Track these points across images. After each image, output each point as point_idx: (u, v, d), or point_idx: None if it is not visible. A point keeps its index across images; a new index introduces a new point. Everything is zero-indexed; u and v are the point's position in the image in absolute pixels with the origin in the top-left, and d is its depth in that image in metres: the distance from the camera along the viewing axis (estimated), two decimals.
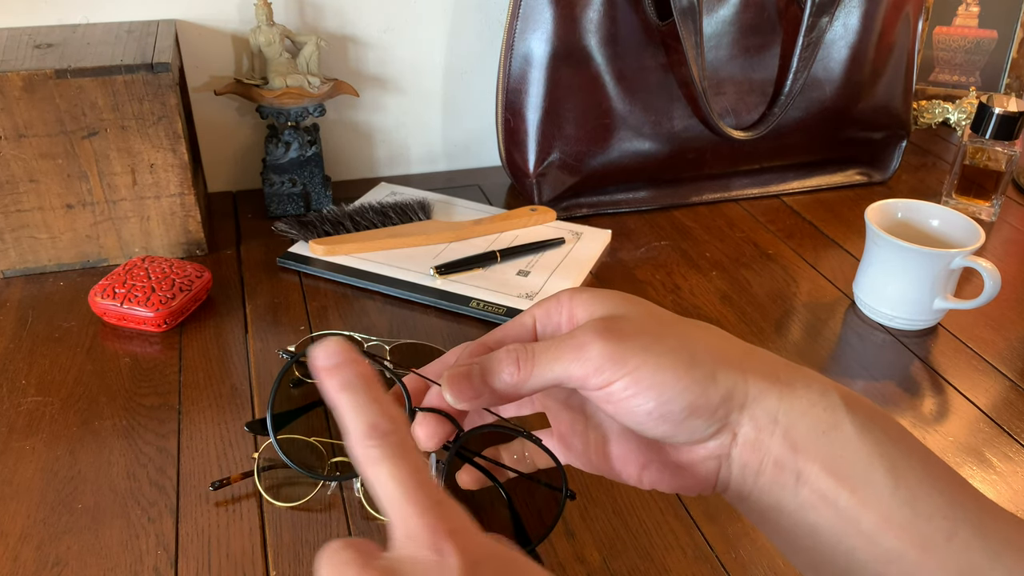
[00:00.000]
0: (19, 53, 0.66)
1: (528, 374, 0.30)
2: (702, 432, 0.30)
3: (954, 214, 0.68)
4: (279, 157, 0.79)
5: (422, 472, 0.25)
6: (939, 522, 0.28)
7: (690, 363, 0.30)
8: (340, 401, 0.26)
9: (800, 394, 0.30)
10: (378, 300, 0.69)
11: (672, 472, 0.33)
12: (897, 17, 0.86)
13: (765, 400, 0.30)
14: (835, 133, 0.90)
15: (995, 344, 0.66)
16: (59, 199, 0.68)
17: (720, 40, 0.81)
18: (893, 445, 0.30)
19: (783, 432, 0.30)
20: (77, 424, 0.54)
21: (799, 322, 0.68)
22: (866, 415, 0.30)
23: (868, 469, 0.29)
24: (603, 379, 0.30)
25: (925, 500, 0.29)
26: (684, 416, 0.30)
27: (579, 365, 0.30)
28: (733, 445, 0.31)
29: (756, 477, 0.31)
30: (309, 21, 0.82)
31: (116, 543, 0.46)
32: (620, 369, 0.29)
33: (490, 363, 0.31)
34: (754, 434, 0.30)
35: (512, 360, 0.31)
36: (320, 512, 0.49)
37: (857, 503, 0.29)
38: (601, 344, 0.30)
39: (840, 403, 0.30)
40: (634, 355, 0.29)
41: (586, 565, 0.46)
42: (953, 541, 0.28)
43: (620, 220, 0.84)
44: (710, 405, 0.30)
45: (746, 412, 0.30)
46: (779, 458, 0.30)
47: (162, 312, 0.63)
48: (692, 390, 0.30)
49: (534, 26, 0.75)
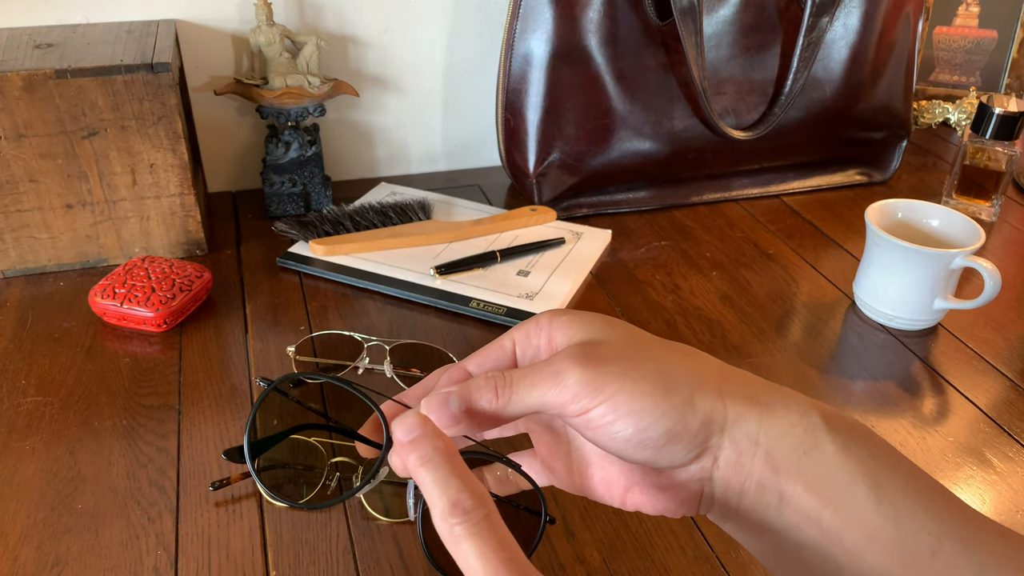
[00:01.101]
0: (19, 53, 0.66)
1: (506, 402, 0.30)
2: (682, 457, 0.30)
3: (954, 214, 0.68)
4: (279, 157, 0.79)
5: (508, 547, 0.25)
6: (923, 537, 0.28)
7: (668, 388, 0.30)
8: (421, 477, 0.26)
9: (780, 415, 0.31)
10: (378, 300, 0.69)
11: (655, 495, 0.33)
12: (897, 17, 0.86)
13: (745, 423, 0.30)
14: (835, 133, 0.90)
15: (995, 344, 0.66)
16: (59, 199, 0.68)
17: (720, 40, 0.81)
18: (876, 462, 0.30)
19: (764, 454, 0.30)
20: (77, 424, 0.54)
21: (799, 322, 0.68)
22: (847, 433, 0.30)
23: (850, 487, 0.29)
24: (580, 407, 0.30)
25: (909, 516, 0.29)
26: (663, 442, 0.30)
27: (556, 393, 0.30)
28: (715, 468, 0.31)
29: (739, 498, 0.31)
30: (309, 21, 0.82)
31: (116, 543, 0.46)
32: (597, 396, 0.29)
33: (468, 391, 0.31)
34: (735, 456, 0.30)
35: (490, 387, 0.31)
36: (320, 512, 0.49)
37: (840, 522, 0.29)
38: (579, 371, 0.30)
39: (820, 422, 0.30)
40: (611, 382, 0.29)
41: (586, 565, 0.46)
42: (938, 556, 0.28)
43: (620, 220, 0.84)
44: (689, 431, 0.30)
45: (726, 435, 0.30)
46: (761, 479, 0.30)
47: (162, 312, 0.63)
48: (671, 416, 0.30)
49: (534, 26, 0.75)
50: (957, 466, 0.54)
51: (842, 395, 0.60)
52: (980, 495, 0.52)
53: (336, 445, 0.53)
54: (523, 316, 0.65)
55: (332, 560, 0.45)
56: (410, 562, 0.46)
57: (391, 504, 0.49)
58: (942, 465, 0.54)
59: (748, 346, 0.65)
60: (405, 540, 0.47)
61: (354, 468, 0.50)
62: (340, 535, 0.47)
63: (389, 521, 0.48)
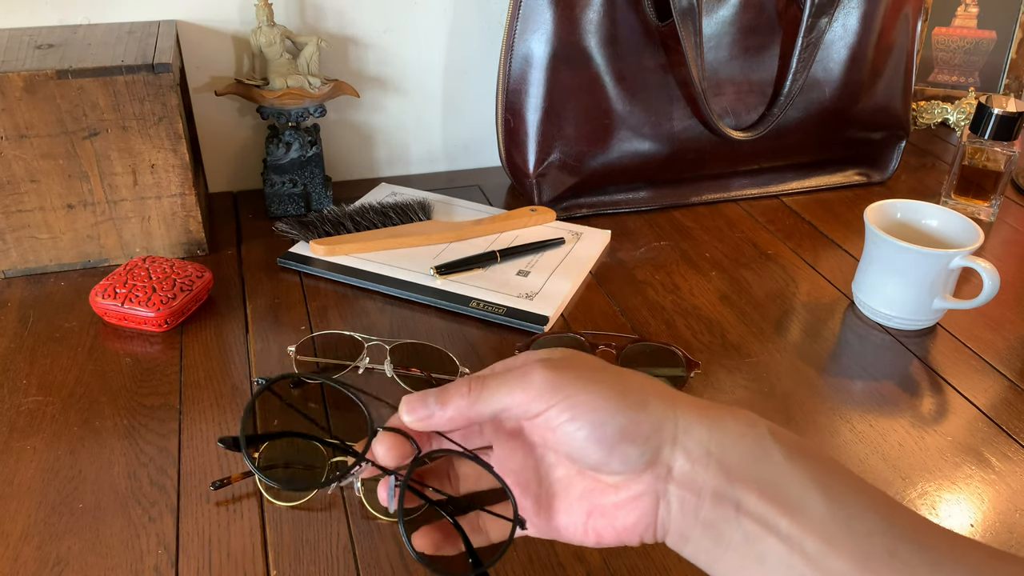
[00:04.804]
0: (20, 54, 0.67)
1: (476, 397, 0.34)
2: (635, 459, 0.32)
3: (953, 214, 0.68)
4: (280, 157, 0.79)
5: None
6: (878, 539, 0.29)
7: (623, 392, 0.32)
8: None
9: (729, 426, 0.32)
10: (378, 300, 0.69)
11: (614, 515, 0.34)
12: (896, 18, 0.86)
13: (695, 431, 0.32)
14: (834, 133, 0.90)
15: (994, 344, 0.66)
16: (60, 199, 0.68)
17: (720, 41, 0.81)
18: (823, 470, 0.31)
19: (717, 463, 0.31)
20: (78, 424, 0.55)
21: (798, 322, 0.68)
22: (793, 445, 0.32)
23: (803, 493, 0.30)
24: (543, 404, 0.32)
25: (861, 519, 0.29)
26: (617, 440, 0.32)
27: (522, 390, 0.33)
28: (669, 479, 0.32)
29: (696, 512, 0.32)
30: (310, 22, 0.82)
31: (117, 542, 0.46)
32: (557, 394, 0.32)
33: (445, 389, 0.35)
34: (689, 466, 0.32)
35: (464, 384, 0.35)
36: (320, 512, 0.49)
37: (798, 527, 0.30)
38: (543, 372, 0.33)
39: (767, 433, 0.32)
40: (571, 383, 0.32)
41: (586, 565, 0.46)
42: (895, 556, 0.29)
43: (620, 220, 0.84)
44: (642, 432, 0.32)
45: (678, 446, 0.32)
46: (716, 489, 0.31)
47: (163, 312, 0.63)
48: (624, 414, 0.32)
49: (534, 27, 0.75)
50: (956, 466, 0.54)
51: (841, 395, 0.60)
52: (979, 495, 0.52)
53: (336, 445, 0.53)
54: (523, 316, 0.66)
55: (332, 559, 0.46)
56: (410, 561, 0.46)
57: None
58: (940, 465, 0.54)
59: (747, 346, 0.65)
60: None
61: None
62: (340, 534, 0.47)
63: (389, 520, 0.48)
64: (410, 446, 0.36)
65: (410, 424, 0.35)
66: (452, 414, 0.34)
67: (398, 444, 0.36)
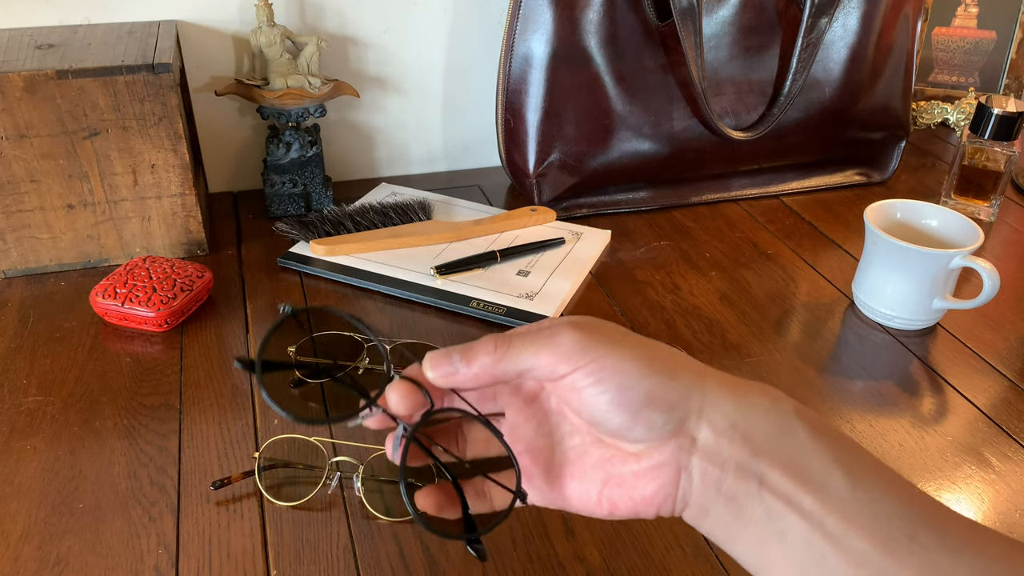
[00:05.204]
0: (20, 54, 0.67)
1: (502, 355, 0.33)
2: (660, 426, 0.31)
3: (953, 214, 0.68)
4: (280, 157, 0.79)
5: None
6: (898, 522, 0.29)
7: (651, 358, 0.32)
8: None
9: (755, 400, 0.32)
10: (378, 300, 0.69)
11: (632, 484, 0.33)
12: (896, 18, 0.86)
13: (722, 404, 0.31)
14: (834, 133, 0.90)
15: (994, 344, 0.66)
16: (60, 199, 0.68)
17: (720, 41, 0.81)
18: (845, 450, 0.31)
19: (742, 436, 0.31)
20: (78, 424, 0.55)
21: (798, 322, 0.68)
22: (817, 424, 0.31)
23: (825, 472, 0.30)
24: (569, 366, 0.32)
25: (882, 502, 0.29)
26: (642, 405, 0.31)
27: (549, 351, 0.32)
28: (693, 451, 0.31)
29: (718, 485, 0.31)
30: (310, 22, 0.82)
31: (117, 542, 0.46)
32: (585, 356, 0.31)
33: (470, 346, 0.34)
34: (713, 438, 0.31)
35: (491, 341, 0.33)
36: (321, 511, 0.49)
37: (820, 505, 0.29)
38: (572, 333, 0.32)
39: (792, 411, 0.32)
40: (599, 346, 0.32)
41: (586, 564, 0.46)
42: (915, 540, 0.28)
43: (620, 220, 0.84)
44: (668, 399, 0.31)
45: (704, 417, 0.31)
46: (740, 462, 0.31)
47: (163, 312, 0.63)
48: (652, 379, 0.31)
49: (534, 27, 0.75)
50: (956, 465, 0.54)
51: (841, 395, 0.60)
52: (979, 494, 0.52)
53: (337, 445, 0.53)
54: (523, 316, 0.66)
55: (332, 559, 0.46)
56: (410, 561, 0.46)
57: (391, 503, 0.49)
58: (941, 464, 0.54)
59: (747, 346, 0.65)
60: (405, 539, 0.47)
61: (355, 467, 0.50)
62: (341, 534, 0.47)
63: (389, 520, 0.48)
64: (423, 398, 0.35)
65: (433, 380, 0.34)
66: (477, 371, 0.33)
67: (412, 393, 0.35)
